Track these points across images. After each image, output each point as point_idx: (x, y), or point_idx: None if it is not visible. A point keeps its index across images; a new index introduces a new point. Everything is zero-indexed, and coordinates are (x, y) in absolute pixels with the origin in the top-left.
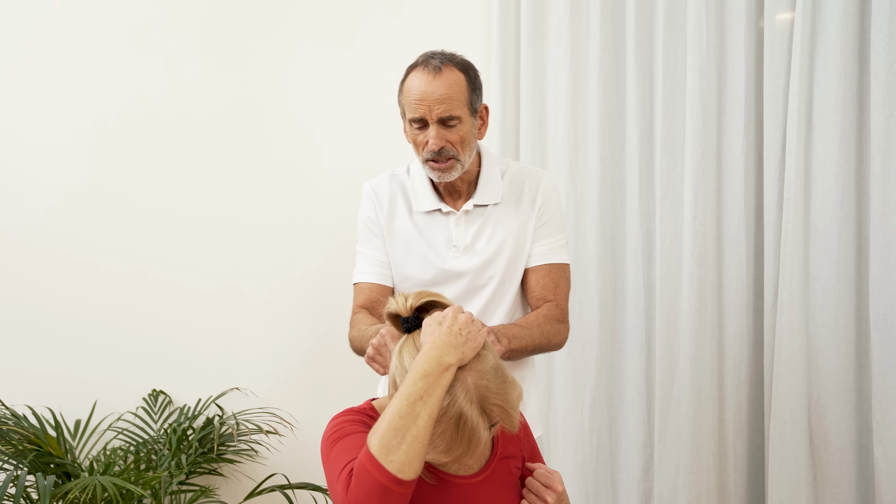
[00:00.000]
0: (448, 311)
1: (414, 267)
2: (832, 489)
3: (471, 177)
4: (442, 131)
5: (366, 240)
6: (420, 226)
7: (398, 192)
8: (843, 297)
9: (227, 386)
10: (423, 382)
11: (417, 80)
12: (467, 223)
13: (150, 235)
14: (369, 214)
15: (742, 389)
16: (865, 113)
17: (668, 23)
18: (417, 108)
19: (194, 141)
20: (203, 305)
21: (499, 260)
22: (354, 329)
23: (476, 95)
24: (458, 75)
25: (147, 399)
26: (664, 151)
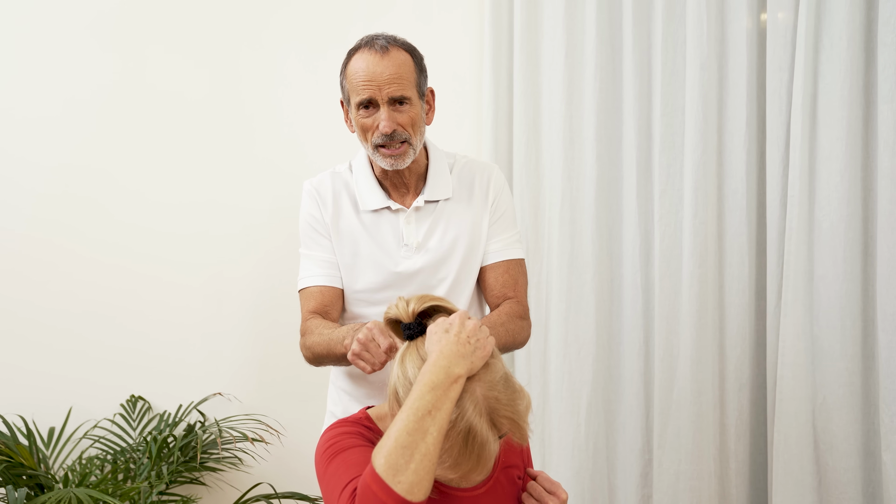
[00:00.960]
0: (455, 318)
1: (363, 269)
2: (838, 495)
3: (419, 170)
4: (392, 113)
5: (311, 241)
6: (368, 225)
7: (342, 190)
8: (849, 297)
9: (209, 391)
10: (431, 395)
11: (364, 60)
12: (418, 220)
13: (128, 232)
14: (312, 213)
15: (744, 392)
16: (872, 107)
17: (667, 15)
18: (366, 89)
19: (184, 136)
20: (185, 307)
21: (453, 258)
22: (313, 335)
23: (423, 78)
24: (404, 55)
25: (125, 405)
26: (663, 147)
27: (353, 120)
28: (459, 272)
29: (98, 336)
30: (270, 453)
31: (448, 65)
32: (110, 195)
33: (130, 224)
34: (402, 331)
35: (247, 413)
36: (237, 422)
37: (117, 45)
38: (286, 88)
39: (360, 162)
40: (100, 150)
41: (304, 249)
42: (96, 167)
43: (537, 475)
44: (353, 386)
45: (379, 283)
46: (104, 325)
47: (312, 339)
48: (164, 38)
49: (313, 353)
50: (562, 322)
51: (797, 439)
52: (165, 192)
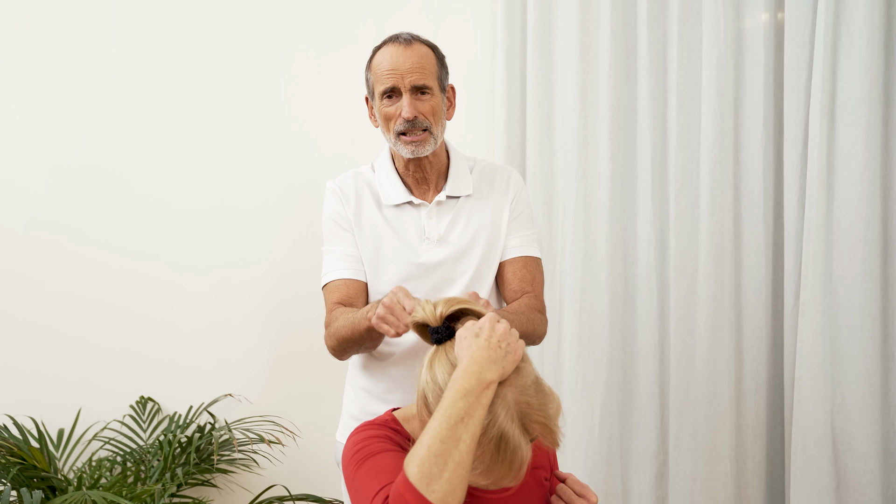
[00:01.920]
0: (485, 322)
1: (386, 263)
2: (857, 496)
3: (441, 167)
4: (414, 101)
5: (334, 236)
6: (390, 220)
7: (364, 187)
8: (868, 297)
9: (219, 392)
10: (463, 402)
11: (388, 52)
12: (439, 215)
13: (139, 231)
14: (336, 209)
15: (761, 393)
16: (892, 106)
17: (682, 12)
18: (389, 78)
19: (193, 139)
20: (194, 307)
21: (474, 251)
22: (336, 321)
23: (444, 73)
24: (426, 49)
25: (135, 407)
26: (679, 146)
27: (377, 110)
28: (480, 265)
29: (106, 338)
30: (285, 454)
31: (460, 63)
32: (117, 197)
33: (138, 226)
34: (429, 335)
35: (260, 415)
36: (252, 423)
37: (123, 43)
38: (296, 88)
39: (383, 160)
40: (108, 153)
41: (327, 246)
42: (104, 169)
43: (566, 477)
44: (372, 381)
45: (401, 275)
46: (112, 327)
47: (336, 325)
48: (170, 36)
49: (337, 338)
50: (576, 322)
51: (815, 440)
52: (173, 193)
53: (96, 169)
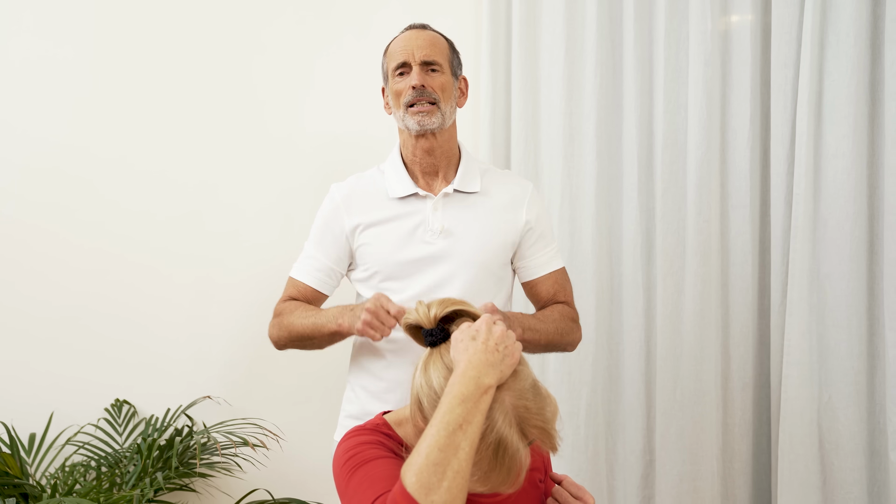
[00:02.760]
0: (481, 324)
1: (388, 254)
2: (843, 495)
3: (451, 157)
4: (424, 75)
5: (318, 241)
6: (395, 212)
7: (368, 185)
8: (855, 295)
9: (197, 394)
10: (461, 408)
11: (402, 35)
12: (445, 207)
13: (112, 232)
14: (329, 217)
15: (747, 392)
16: (879, 104)
17: (669, 9)
18: (401, 55)
19: (166, 136)
20: (170, 306)
21: (477, 248)
22: (292, 315)
23: (456, 60)
24: (439, 36)
25: (110, 410)
26: (666, 144)
27: (389, 90)
28: (484, 262)
29: (80, 340)
30: (268, 458)
31: None
32: (89, 198)
33: (110, 227)
34: (422, 337)
35: (240, 417)
36: (234, 426)
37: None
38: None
39: (392, 156)
40: (85, 155)
41: (309, 245)
42: (76, 171)
43: (562, 479)
44: (372, 381)
45: (403, 267)
46: (85, 329)
47: (291, 319)
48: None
49: (290, 332)
50: None
51: (802, 439)
52: (150, 195)
53: (69, 170)
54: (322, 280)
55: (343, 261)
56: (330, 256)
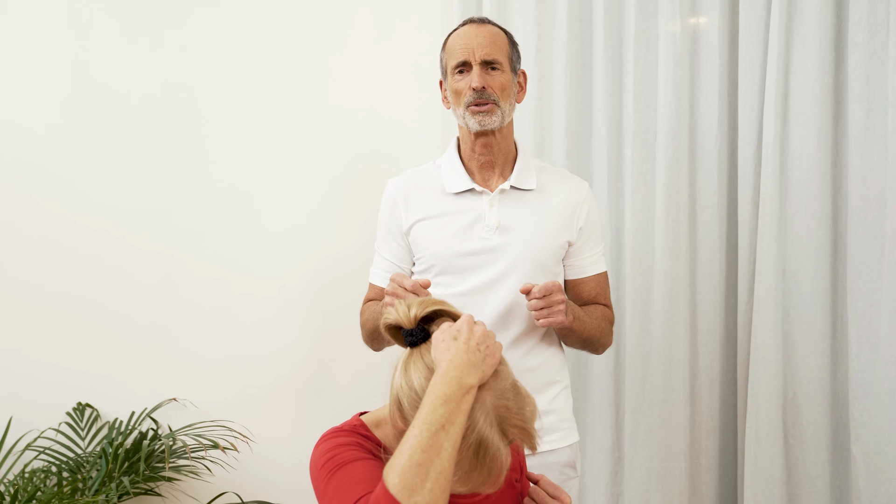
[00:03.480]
0: (462, 324)
1: (444, 248)
2: (808, 489)
3: (509, 154)
4: (484, 74)
5: (382, 240)
6: (451, 207)
7: (424, 181)
8: (818, 293)
9: (162, 397)
10: (444, 409)
11: (462, 31)
12: (501, 203)
13: (72, 227)
14: (385, 215)
15: (715, 389)
16: (842, 106)
17: (638, 11)
18: (462, 53)
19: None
20: (134, 306)
21: (531, 245)
22: (366, 314)
23: (516, 55)
24: (499, 30)
25: (72, 413)
26: (636, 145)
27: (448, 88)
28: (538, 259)
29: (39, 342)
30: (238, 461)
31: (414, 56)
32: (53, 192)
33: (71, 221)
34: (402, 337)
35: (207, 419)
36: (204, 428)
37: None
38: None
39: (449, 150)
40: (51, 148)
41: (377, 245)
42: (46, 169)
43: (539, 479)
44: None
45: (457, 264)
46: (46, 330)
47: (364, 318)
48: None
49: (365, 331)
50: None
51: (768, 434)
52: (116, 189)
53: (42, 165)
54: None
55: (407, 258)
56: (395, 255)
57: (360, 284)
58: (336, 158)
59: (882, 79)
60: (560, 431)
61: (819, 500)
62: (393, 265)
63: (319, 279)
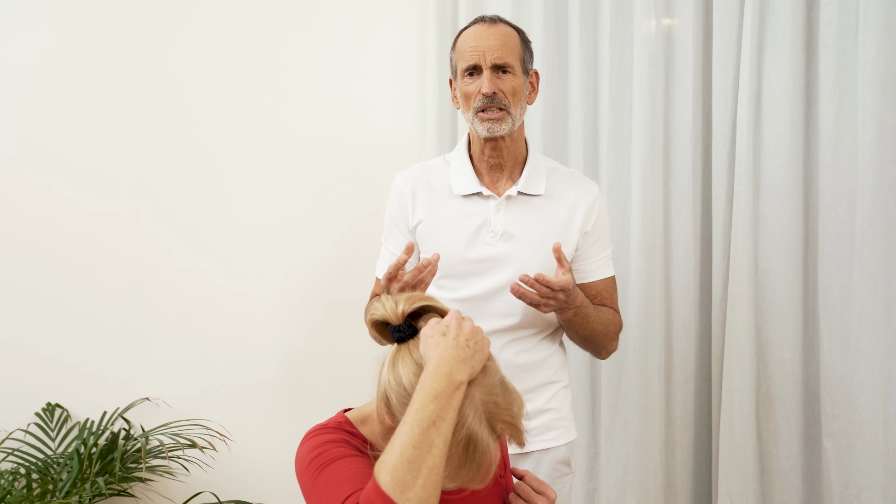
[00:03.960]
0: (451, 320)
1: (448, 253)
2: (780, 482)
3: (518, 156)
4: (495, 79)
5: (389, 234)
6: (458, 209)
7: (434, 178)
8: (791, 289)
9: (134, 396)
10: (434, 405)
11: (473, 31)
12: (508, 209)
13: (42, 225)
14: (394, 210)
15: (689, 384)
16: (814, 105)
17: (613, 10)
18: (472, 56)
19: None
20: (104, 303)
21: (537, 253)
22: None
23: (528, 55)
24: (511, 30)
25: (41, 414)
26: (611, 142)
27: (459, 90)
28: (542, 268)
29: (6, 340)
30: (215, 460)
31: (390, 54)
32: (18, 188)
33: (41, 220)
34: (389, 333)
35: (182, 419)
36: (179, 427)
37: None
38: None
39: (459, 148)
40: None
41: (384, 239)
42: (8, 163)
43: (524, 475)
44: None
45: (462, 269)
46: (12, 328)
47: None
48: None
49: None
50: None
51: (741, 429)
52: (84, 188)
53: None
54: None
55: (416, 251)
56: (401, 246)
57: (338, 283)
58: (314, 159)
59: (852, 79)
60: (557, 430)
61: (791, 493)
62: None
63: (296, 277)
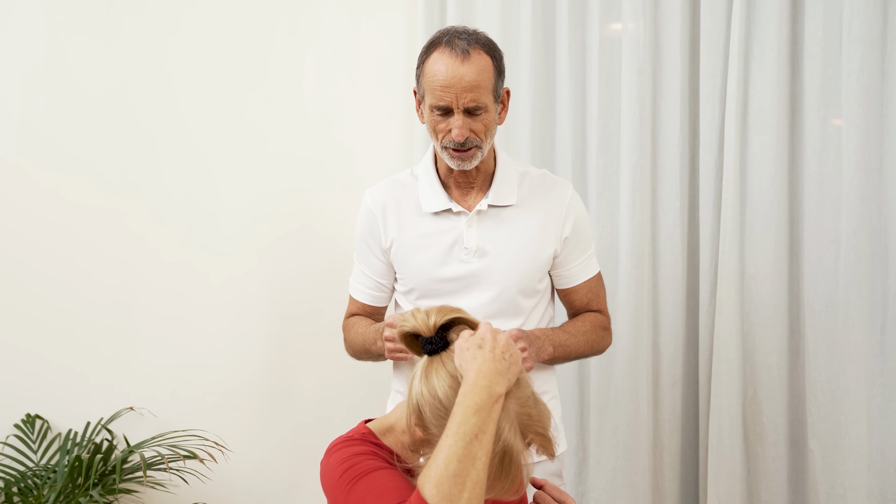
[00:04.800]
0: (485, 332)
1: (423, 273)
2: (767, 482)
3: (487, 170)
4: (467, 121)
5: (360, 254)
6: (428, 228)
7: (402, 195)
8: (777, 294)
9: (115, 407)
10: (476, 418)
11: (443, 64)
12: (479, 224)
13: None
14: (363, 230)
15: (677, 388)
16: (799, 115)
17: (602, 18)
18: (443, 97)
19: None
20: (86, 310)
21: (514, 265)
22: (350, 333)
23: (500, 81)
24: (485, 60)
25: (21, 425)
26: (600, 149)
27: (427, 118)
28: (520, 281)
29: None
30: (211, 469)
31: (379, 60)
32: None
33: (22, 223)
34: (419, 345)
35: (168, 430)
36: (176, 438)
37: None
38: None
39: (426, 163)
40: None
41: (356, 259)
42: None
43: (543, 484)
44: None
45: (439, 288)
46: None
47: (350, 335)
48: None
49: (353, 350)
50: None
51: (729, 431)
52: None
53: None
54: (373, 296)
55: (388, 273)
56: (375, 271)
57: (322, 290)
58: (301, 162)
59: (836, 90)
60: None
61: (778, 493)
62: (373, 281)
63: (280, 285)
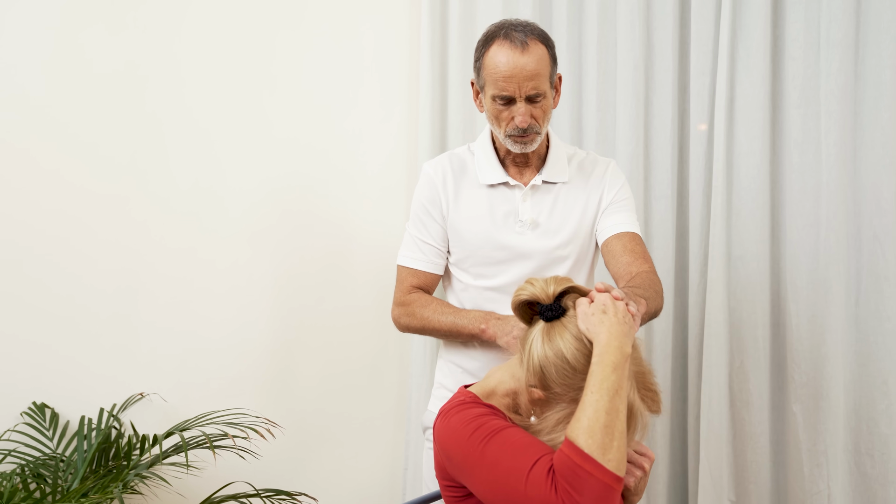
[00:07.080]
0: (605, 298)
1: (477, 242)
2: (752, 444)
3: (541, 150)
4: (528, 108)
5: (419, 222)
6: (485, 200)
7: (460, 167)
8: (760, 274)
9: (119, 394)
10: (615, 375)
11: (504, 55)
12: (533, 198)
13: (26, 212)
14: (427, 196)
15: (668, 363)
16: (780, 111)
17: (600, 18)
18: (506, 87)
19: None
20: (90, 298)
21: (566, 239)
22: (427, 309)
23: (555, 68)
24: (542, 49)
25: (30, 413)
26: (597, 140)
27: (487, 108)
28: (571, 253)
29: None
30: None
31: (384, 49)
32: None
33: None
34: (537, 311)
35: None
36: (225, 416)
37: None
38: None
39: (483, 140)
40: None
41: (411, 229)
42: None
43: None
44: (468, 360)
45: (492, 257)
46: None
47: (426, 312)
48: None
49: (424, 324)
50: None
51: (718, 400)
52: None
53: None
54: (434, 263)
55: (446, 240)
56: (436, 237)
57: (326, 275)
58: (308, 152)
59: (815, 89)
60: None
61: (761, 454)
62: (434, 249)
63: (286, 271)
